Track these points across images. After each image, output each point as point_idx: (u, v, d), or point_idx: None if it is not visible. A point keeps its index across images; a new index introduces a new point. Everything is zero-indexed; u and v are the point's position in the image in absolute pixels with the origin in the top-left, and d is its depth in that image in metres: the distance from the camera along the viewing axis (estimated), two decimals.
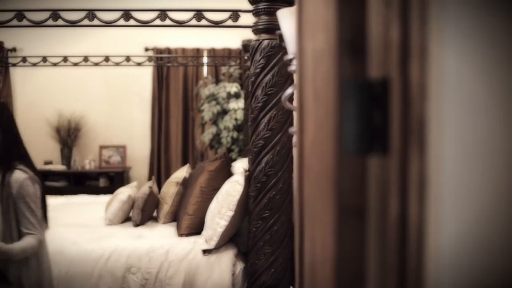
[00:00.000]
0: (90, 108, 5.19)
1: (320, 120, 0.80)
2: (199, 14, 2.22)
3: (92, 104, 5.21)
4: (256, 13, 2.19)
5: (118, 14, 2.24)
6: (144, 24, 2.23)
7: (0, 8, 2.31)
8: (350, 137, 0.60)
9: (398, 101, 0.52)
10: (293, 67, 1.48)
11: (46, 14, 2.29)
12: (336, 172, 0.61)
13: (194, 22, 2.24)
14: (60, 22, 2.27)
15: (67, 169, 4.99)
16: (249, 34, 3.98)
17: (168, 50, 5.13)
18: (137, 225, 2.71)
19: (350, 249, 0.60)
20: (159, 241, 2.36)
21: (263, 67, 2.16)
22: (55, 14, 2.22)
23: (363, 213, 0.59)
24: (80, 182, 4.99)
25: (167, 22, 2.24)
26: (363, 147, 0.59)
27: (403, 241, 0.52)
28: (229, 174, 2.57)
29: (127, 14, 2.22)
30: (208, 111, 4.50)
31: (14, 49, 5.04)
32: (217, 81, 5.11)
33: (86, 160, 5.07)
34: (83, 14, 2.24)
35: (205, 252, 2.27)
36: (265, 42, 2.16)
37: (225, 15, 2.28)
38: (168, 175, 5.15)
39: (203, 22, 2.25)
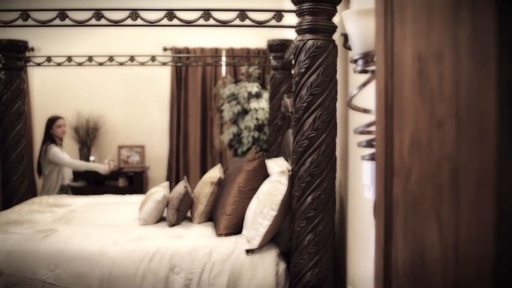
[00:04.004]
0: (108, 107, 5.19)
1: (438, 120, 0.80)
2: (242, 14, 2.22)
3: (111, 103, 5.21)
4: (300, 13, 2.19)
5: (161, 13, 2.24)
6: (188, 24, 2.23)
7: (43, 7, 2.31)
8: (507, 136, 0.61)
9: None
10: (358, 67, 1.49)
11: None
12: (496, 172, 0.61)
13: (237, 22, 2.24)
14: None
15: None
16: (269, 34, 3.98)
17: (187, 50, 5.13)
18: (172, 225, 2.70)
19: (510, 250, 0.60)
20: (201, 241, 2.36)
21: (307, 67, 2.16)
22: (98, 14, 2.22)
23: None
24: (99, 182, 4.99)
25: (210, 21, 2.24)
26: None
27: None
28: (266, 174, 2.57)
29: (170, 14, 2.21)
30: (228, 111, 4.50)
31: (32, 49, 5.03)
32: (236, 81, 5.11)
33: (105, 160, 5.06)
34: (126, 13, 2.24)
35: (248, 252, 2.27)
36: (310, 42, 2.16)
37: (268, 15, 2.27)
38: (186, 175, 5.16)
39: (246, 22, 2.25)
